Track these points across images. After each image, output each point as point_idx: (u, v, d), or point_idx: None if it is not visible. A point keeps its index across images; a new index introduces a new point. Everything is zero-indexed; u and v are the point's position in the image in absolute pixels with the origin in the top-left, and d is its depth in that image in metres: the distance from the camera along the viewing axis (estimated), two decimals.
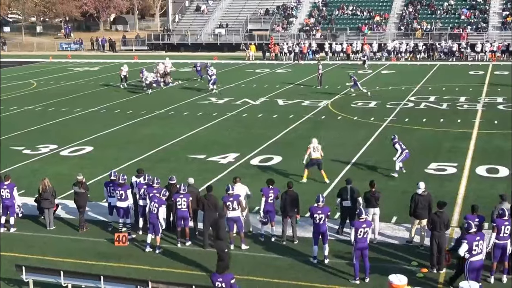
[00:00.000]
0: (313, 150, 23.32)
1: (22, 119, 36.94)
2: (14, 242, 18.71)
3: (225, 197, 17.73)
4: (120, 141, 30.94)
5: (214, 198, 18.07)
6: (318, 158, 23.32)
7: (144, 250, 17.81)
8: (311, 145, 23.43)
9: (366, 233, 15.46)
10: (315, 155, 23.33)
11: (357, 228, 15.46)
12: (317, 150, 23.37)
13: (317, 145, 23.49)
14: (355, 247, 15.53)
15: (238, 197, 17.80)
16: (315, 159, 23.31)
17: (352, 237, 15.53)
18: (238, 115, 36.81)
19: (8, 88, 50.49)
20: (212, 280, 14.18)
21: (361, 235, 15.43)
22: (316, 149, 23.37)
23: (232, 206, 17.61)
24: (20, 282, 15.58)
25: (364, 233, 15.43)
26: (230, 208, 17.61)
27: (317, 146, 23.49)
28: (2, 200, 19.44)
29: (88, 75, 58.44)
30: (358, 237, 15.44)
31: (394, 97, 41.06)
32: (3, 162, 26.42)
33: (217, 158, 27.02)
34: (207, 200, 17.99)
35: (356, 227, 15.50)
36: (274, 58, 68.16)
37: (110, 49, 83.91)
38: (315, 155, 23.33)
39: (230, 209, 17.61)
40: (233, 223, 17.78)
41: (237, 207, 17.67)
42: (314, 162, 23.33)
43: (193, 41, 78.65)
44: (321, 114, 36.37)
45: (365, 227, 15.46)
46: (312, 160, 23.30)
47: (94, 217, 20.41)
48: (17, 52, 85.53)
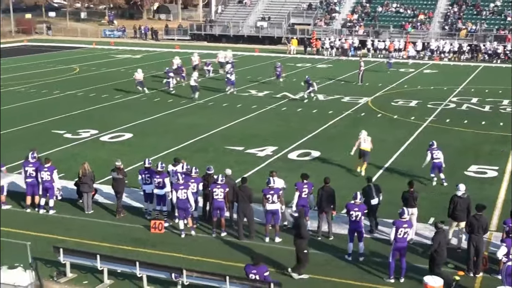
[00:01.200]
0: (363, 141, 23.85)
1: (64, 104, 37.44)
2: (53, 224, 19.02)
3: (266, 189, 17.77)
4: (159, 129, 31.17)
5: (248, 190, 18.13)
6: (366, 150, 23.83)
7: (180, 236, 17.96)
8: (361, 136, 23.95)
9: (406, 233, 15.38)
10: (364, 145, 23.85)
11: (397, 227, 15.37)
12: (366, 142, 23.90)
13: (366, 137, 23.99)
14: (393, 246, 15.43)
15: (278, 191, 17.84)
16: (364, 150, 23.83)
17: (392, 236, 15.44)
18: (277, 108, 36.77)
19: (51, 72, 51.22)
20: (246, 271, 14.25)
21: (401, 234, 15.34)
22: (366, 141, 23.89)
23: (271, 199, 17.63)
24: (57, 263, 15.83)
25: (404, 233, 15.35)
26: (270, 201, 17.65)
27: (367, 137, 23.99)
28: (42, 182, 19.74)
29: (130, 62, 58.92)
30: (398, 236, 15.36)
31: (436, 97, 40.58)
32: (44, 145, 26.81)
33: (255, 150, 27.04)
34: (242, 192, 18.05)
35: (397, 226, 15.41)
36: (316, 53, 67.88)
37: (152, 38, 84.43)
38: (364, 145, 23.85)
39: (270, 202, 17.65)
40: (271, 216, 17.82)
41: (277, 200, 17.68)
42: (362, 152, 23.86)
43: (235, 32, 78.72)
44: (361, 111, 36.15)
45: (405, 227, 15.38)
46: (360, 150, 23.87)
47: (132, 204, 20.61)
48: (61, 37, 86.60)
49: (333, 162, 25.47)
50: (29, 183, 19.94)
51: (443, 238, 15.18)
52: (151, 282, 15.08)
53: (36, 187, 19.97)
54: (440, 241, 14.96)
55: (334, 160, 25.80)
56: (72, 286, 15.18)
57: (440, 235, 15.06)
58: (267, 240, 17.82)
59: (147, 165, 19.45)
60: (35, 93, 41.30)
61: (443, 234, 15.20)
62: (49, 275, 15.55)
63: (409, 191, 17.87)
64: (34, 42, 79.95)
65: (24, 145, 25.81)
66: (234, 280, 14.23)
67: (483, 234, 15.82)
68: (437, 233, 15.06)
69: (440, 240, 14.99)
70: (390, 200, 20.24)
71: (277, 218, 17.88)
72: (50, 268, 15.94)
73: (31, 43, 77.87)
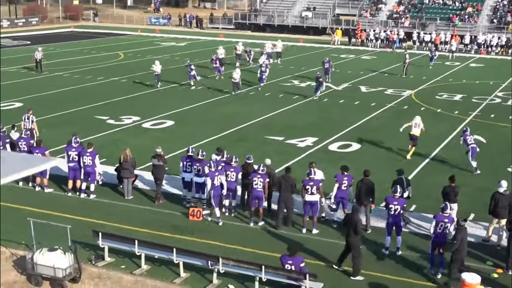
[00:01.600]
0: (414, 126, 24.36)
1: (108, 90, 37.87)
2: (93, 209, 19.29)
3: (306, 180, 17.72)
4: (200, 117, 31.30)
5: (292, 179, 18.11)
6: (416, 134, 24.39)
7: (218, 224, 18.07)
8: (414, 121, 24.54)
9: (446, 229, 15.19)
10: (414, 130, 24.32)
11: (438, 222, 15.22)
12: (418, 127, 24.43)
13: (419, 122, 24.52)
14: (432, 239, 15.28)
15: (318, 182, 17.78)
16: (414, 135, 24.35)
17: (432, 229, 15.29)
18: (319, 99, 36.59)
19: (96, 58, 51.84)
20: (282, 262, 14.27)
21: (441, 229, 15.17)
22: (417, 126, 24.44)
23: (311, 190, 17.59)
24: (96, 247, 16.06)
25: (444, 228, 15.18)
26: (309, 192, 17.59)
27: (419, 123, 24.51)
28: (84, 166, 20.02)
29: (175, 50, 59.28)
30: (437, 230, 15.19)
31: (481, 91, 39.89)
32: (87, 130, 27.18)
33: (295, 141, 26.99)
34: (285, 181, 18.03)
35: (437, 220, 15.25)
36: (360, 44, 67.30)
37: (197, 26, 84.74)
38: (414, 130, 24.32)
39: (309, 193, 17.60)
40: (309, 207, 17.77)
41: (316, 191, 17.63)
42: (412, 137, 24.41)
43: (279, 22, 78.54)
44: (404, 103, 35.76)
45: (446, 222, 15.22)
46: (411, 135, 24.44)
47: (171, 191, 20.76)
48: (108, 24, 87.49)
49: (374, 155, 25.28)
50: (71, 167, 20.24)
51: (465, 236, 14.89)
52: (187, 268, 15.21)
53: (78, 172, 20.26)
54: (462, 239, 14.69)
55: (375, 153, 25.61)
56: (110, 270, 15.39)
57: (462, 232, 14.76)
58: (304, 231, 17.80)
59: (190, 153, 19.55)
60: (79, 78, 41.86)
61: (465, 231, 14.88)
62: (88, 259, 15.81)
63: (450, 186, 17.64)
64: (81, 28, 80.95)
65: (68, 129, 26.19)
66: (270, 270, 14.27)
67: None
68: (460, 230, 14.77)
69: (463, 237, 14.71)
70: (430, 195, 20.09)
71: (316, 210, 17.83)
72: (88, 251, 16.19)
73: (77, 29, 78.86)
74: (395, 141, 27.49)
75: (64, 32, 75.51)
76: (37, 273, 14.65)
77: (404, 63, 45.78)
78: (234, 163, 18.85)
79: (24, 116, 24.76)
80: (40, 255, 14.57)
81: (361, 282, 15.01)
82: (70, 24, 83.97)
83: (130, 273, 15.26)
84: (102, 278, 15.04)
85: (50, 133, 26.46)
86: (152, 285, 14.75)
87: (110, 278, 15.05)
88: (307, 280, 13.81)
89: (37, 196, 20.21)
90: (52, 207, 19.13)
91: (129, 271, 15.35)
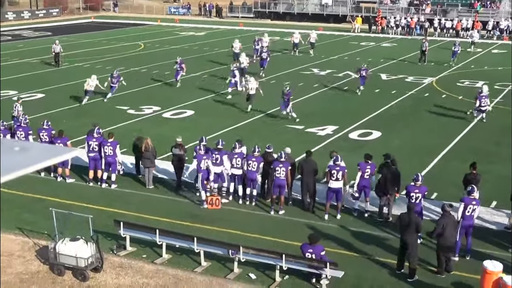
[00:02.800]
0: None
1: (128, 80, 37.91)
2: (114, 198, 19.41)
3: (332, 166, 17.69)
4: (220, 107, 31.30)
5: (314, 163, 18.19)
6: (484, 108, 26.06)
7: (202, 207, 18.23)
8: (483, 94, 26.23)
9: (474, 211, 15.25)
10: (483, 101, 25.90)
11: (466, 205, 15.19)
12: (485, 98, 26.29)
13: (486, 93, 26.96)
14: (461, 224, 15.21)
15: (344, 169, 17.74)
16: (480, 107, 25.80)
17: (460, 213, 15.25)
18: (339, 87, 36.45)
19: (116, 49, 52.01)
20: (302, 250, 14.28)
21: (469, 212, 15.18)
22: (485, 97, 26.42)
23: (336, 175, 17.55)
24: (117, 236, 16.17)
25: (472, 210, 15.23)
26: (334, 177, 17.56)
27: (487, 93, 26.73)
28: (105, 156, 20.12)
29: (194, 40, 59.29)
30: (465, 214, 15.16)
31: (503, 78, 39.45)
32: (108, 120, 27.29)
33: (315, 129, 26.91)
34: (307, 164, 18.08)
35: (465, 203, 15.22)
36: (380, 31, 66.84)
37: (216, 15, 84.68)
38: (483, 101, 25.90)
39: (334, 179, 17.56)
40: (333, 194, 17.76)
41: (341, 178, 17.60)
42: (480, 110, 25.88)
43: (299, 10, 78.25)
44: (425, 91, 35.50)
45: (474, 204, 15.24)
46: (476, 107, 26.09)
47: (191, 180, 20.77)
48: (128, 14, 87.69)
49: (395, 143, 25.15)
50: (92, 157, 20.34)
51: (451, 223, 14.64)
52: (208, 257, 15.27)
53: (98, 162, 20.36)
54: (444, 225, 14.48)
55: (395, 141, 25.47)
56: (131, 259, 15.49)
57: (446, 218, 14.62)
58: (326, 217, 17.80)
59: (204, 143, 19.55)
60: (100, 69, 41.97)
61: (449, 218, 14.68)
62: (109, 248, 15.92)
63: (471, 173, 17.51)
64: (101, 18, 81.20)
65: (88, 120, 26.29)
66: (291, 259, 14.29)
67: None
68: (444, 216, 14.70)
69: (445, 223, 14.49)
70: (452, 182, 19.93)
71: (340, 197, 17.80)
72: (110, 241, 16.29)
73: (98, 20, 79.12)
74: (416, 129, 27.34)
75: (84, 23, 75.81)
76: (59, 263, 14.79)
77: (425, 51, 44.88)
78: (257, 153, 18.79)
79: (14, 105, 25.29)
80: (63, 245, 14.70)
81: (381, 271, 14.97)
82: (90, 15, 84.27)
83: (151, 262, 15.35)
84: (123, 268, 15.14)
85: (71, 124, 26.62)
86: (173, 274, 14.83)
87: (131, 267, 15.16)
88: (328, 269, 13.81)
89: (58, 186, 20.38)
90: (74, 197, 19.27)
91: (150, 261, 15.45)
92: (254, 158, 18.70)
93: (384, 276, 14.75)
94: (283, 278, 14.48)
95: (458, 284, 14.37)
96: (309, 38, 49.97)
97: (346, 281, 14.26)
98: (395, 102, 32.54)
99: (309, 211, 18.19)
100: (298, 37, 49.38)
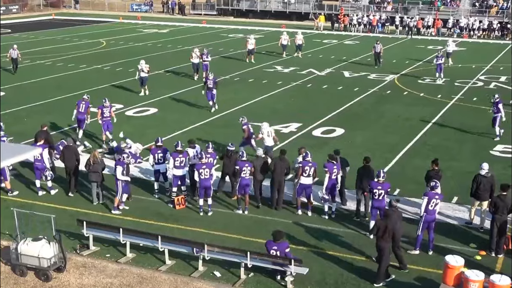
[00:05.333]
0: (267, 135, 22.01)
1: (90, 78, 37.62)
2: (77, 197, 19.18)
3: (305, 162, 17.89)
4: (184, 104, 31.18)
5: (287, 162, 18.43)
6: None
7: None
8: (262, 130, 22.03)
9: (437, 205, 15.50)
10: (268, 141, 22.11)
11: (430, 199, 15.46)
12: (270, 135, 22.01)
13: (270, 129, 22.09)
14: (424, 218, 15.48)
15: (316, 165, 17.98)
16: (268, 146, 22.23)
17: (423, 207, 15.51)
18: (303, 85, 36.60)
19: (78, 46, 51.44)
20: (267, 248, 14.31)
21: (432, 206, 15.42)
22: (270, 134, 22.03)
23: (308, 172, 17.81)
24: (80, 236, 16.01)
25: (435, 204, 15.46)
26: (306, 174, 17.78)
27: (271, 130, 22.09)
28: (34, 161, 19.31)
29: (157, 37, 58.93)
30: (429, 208, 15.37)
31: (464, 75, 40.05)
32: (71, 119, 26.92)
33: (279, 127, 26.96)
34: (281, 162, 18.32)
35: (429, 197, 15.44)
36: (343, 29, 67.25)
37: (179, 12, 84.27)
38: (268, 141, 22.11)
39: (305, 175, 17.77)
40: (302, 190, 18.01)
41: (312, 174, 17.87)
42: None
43: (262, 8, 78.31)
44: (387, 88, 35.83)
45: (437, 199, 15.49)
46: None
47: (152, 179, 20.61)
48: (89, 11, 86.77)
49: (357, 140, 25.35)
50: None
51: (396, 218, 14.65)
52: (172, 256, 15.21)
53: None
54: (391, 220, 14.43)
55: (358, 138, 25.68)
56: (95, 259, 15.36)
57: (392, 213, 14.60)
58: (300, 212, 18.07)
59: (159, 144, 19.42)
60: (61, 67, 41.54)
61: (396, 214, 14.68)
62: (72, 248, 15.76)
63: (433, 170, 17.73)
64: (62, 16, 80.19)
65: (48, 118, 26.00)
66: (255, 256, 14.31)
67: (507, 215, 15.67)
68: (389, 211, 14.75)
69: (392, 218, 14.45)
70: (414, 179, 20.17)
71: (309, 192, 18.03)
72: (73, 240, 16.14)
73: (58, 17, 78.12)
74: (379, 125, 27.60)
75: (45, 20, 74.78)
76: (21, 263, 14.58)
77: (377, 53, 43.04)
78: (211, 149, 18.89)
79: None
80: (25, 245, 14.50)
81: (345, 268, 15.08)
82: (51, 12, 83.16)
83: (115, 262, 15.24)
84: (87, 267, 15.00)
85: (32, 121, 26.23)
86: (137, 273, 14.74)
87: (95, 267, 15.02)
88: (293, 266, 13.86)
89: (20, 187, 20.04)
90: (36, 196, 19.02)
91: (114, 260, 15.33)
92: (208, 154, 18.59)
93: (348, 272, 14.85)
94: (248, 276, 14.50)
95: (421, 278, 14.55)
96: (295, 40, 47.64)
97: (311, 278, 14.33)
98: (358, 99, 32.77)
99: (277, 208, 18.26)
100: (287, 39, 47.48)
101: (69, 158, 19.35)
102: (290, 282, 14.05)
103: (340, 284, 14.29)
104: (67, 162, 19.38)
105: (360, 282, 14.41)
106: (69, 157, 19.35)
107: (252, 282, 14.30)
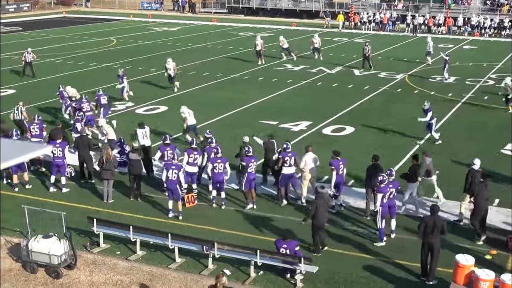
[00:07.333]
0: None
1: (100, 75, 37.70)
2: (87, 195, 19.25)
3: (284, 153, 18.30)
4: (194, 102, 31.13)
5: (273, 144, 19.38)
6: None
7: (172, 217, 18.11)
8: None
9: (392, 194, 16.11)
10: None
11: (384, 194, 15.86)
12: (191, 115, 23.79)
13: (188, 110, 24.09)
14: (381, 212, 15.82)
15: (296, 155, 18.37)
16: None
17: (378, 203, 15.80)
18: (313, 83, 36.56)
19: (88, 44, 51.60)
20: (276, 246, 14.33)
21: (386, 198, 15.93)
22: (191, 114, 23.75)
23: (289, 161, 18.20)
24: (91, 233, 16.07)
25: (390, 193, 16.02)
26: (287, 164, 18.19)
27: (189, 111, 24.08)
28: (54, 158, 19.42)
29: (167, 35, 59.00)
30: (383, 202, 15.86)
31: (474, 73, 39.86)
32: None
33: (289, 125, 26.97)
34: (270, 144, 19.32)
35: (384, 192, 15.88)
36: (353, 27, 67.11)
37: (189, 10, 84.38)
38: None
39: (287, 165, 18.19)
40: (286, 180, 18.37)
41: (293, 164, 18.25)
42: None
43: (272, 6, 78.27)
44: (398, 86, 35.73)
45: (391, 187, 16.02)
46: None
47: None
48: (99, 9, 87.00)
49: (367, 138, 25.30)
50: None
51: (323, 203, 15.36)
52: (182, 254, 15.24)
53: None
54: (317, 206, 15.18)
55: (368, 136, 25.63)
56: (105, 256, 15.41)
57: (320, 200, 15.29)
58: (285, 202, 18.40)
59: (167, 142, 19.40)
60: (72, 64, 41.70)
61: (322, 199, 15.36)
62: (83, 245, 15.83)
63: (414, 164, 17.95)
64: (73, 14, 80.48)
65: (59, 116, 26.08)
66: (265, 254, 14.32)
67: None
68: (317, 197, 15.41)
69: (318, 205, 15.19)
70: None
71: (294, 182, 18.47)
72: (83, 238, 16.20)
73: (69, 15, 78.40)
74: (388, 124, 27.52)
75: (55, 18, 75.07)
76: (32, 260, 14.66)
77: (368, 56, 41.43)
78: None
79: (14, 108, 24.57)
80: (35, 242, 14.58)
81: (354, 266, 15.07)
82: (62, 10, 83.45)
83: (125, 259, 15.29)
84: (97, 265, 15.06)
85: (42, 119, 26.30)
86: (147, 270, 14.78)
87: (105, 264, 15.08)
88: (302, 264, 13.87)
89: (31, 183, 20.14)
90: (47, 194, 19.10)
91: (124, 257, 15.39)
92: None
93: (358, 270, 14.84)
94: (258, 274, 14.51)
95: None
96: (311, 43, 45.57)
97: (320, 276, 14.33)
98: (368, 98, 32.70)
99: None
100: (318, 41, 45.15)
101: (83, 147, 20.02)
102: (299, 280, 14.06)
103: (350, 283, 14.28)
104: (81, 151, 20.04)
105: (369, 281, 14.39)
106: (83, 146, 20.03)
107: (262, 280, 14.32)
